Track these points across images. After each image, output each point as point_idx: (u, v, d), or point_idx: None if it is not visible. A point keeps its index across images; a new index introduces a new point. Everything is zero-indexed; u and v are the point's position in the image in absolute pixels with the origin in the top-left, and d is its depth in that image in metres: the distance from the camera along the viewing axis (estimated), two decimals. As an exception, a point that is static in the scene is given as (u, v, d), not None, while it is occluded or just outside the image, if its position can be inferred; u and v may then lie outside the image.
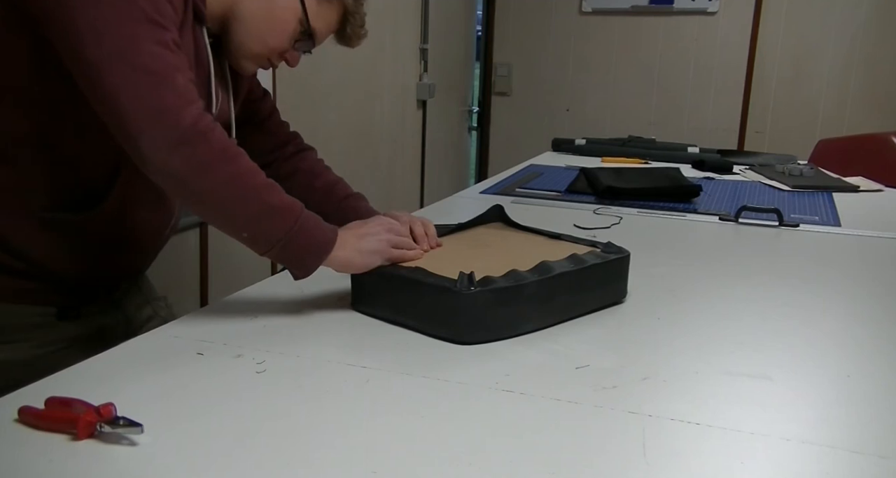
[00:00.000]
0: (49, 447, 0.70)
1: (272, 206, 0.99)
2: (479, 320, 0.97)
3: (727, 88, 3.92)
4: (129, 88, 0.91)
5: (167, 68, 0.93)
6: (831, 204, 2.01)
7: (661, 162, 2.52)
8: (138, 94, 0.91)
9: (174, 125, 0.92)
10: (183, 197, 1.01)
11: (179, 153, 0.93)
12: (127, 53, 0.91)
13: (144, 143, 0.91)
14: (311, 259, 1.02)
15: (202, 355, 0.92)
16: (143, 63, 0.91)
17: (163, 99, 0.92)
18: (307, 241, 1.01)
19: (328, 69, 2.78)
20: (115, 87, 0.90)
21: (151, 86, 0.92)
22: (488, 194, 1.96)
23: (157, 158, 0.92)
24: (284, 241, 0.99)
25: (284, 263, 1.03)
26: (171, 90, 0.93)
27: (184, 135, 0.93)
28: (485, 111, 4.38)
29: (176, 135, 0.92)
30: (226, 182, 0.96)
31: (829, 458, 0.74)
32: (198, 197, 0.97)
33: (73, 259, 1.09)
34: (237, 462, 0.69)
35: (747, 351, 1.00)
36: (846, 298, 1.26)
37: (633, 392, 0.86)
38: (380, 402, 0.82)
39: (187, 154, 0.93)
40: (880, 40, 3.70)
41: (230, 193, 0.97)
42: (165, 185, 0.98)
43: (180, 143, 0.92)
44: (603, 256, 1.11)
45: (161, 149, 0.92)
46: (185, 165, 0.93)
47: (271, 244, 0.99)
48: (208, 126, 0.95)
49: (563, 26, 4.14)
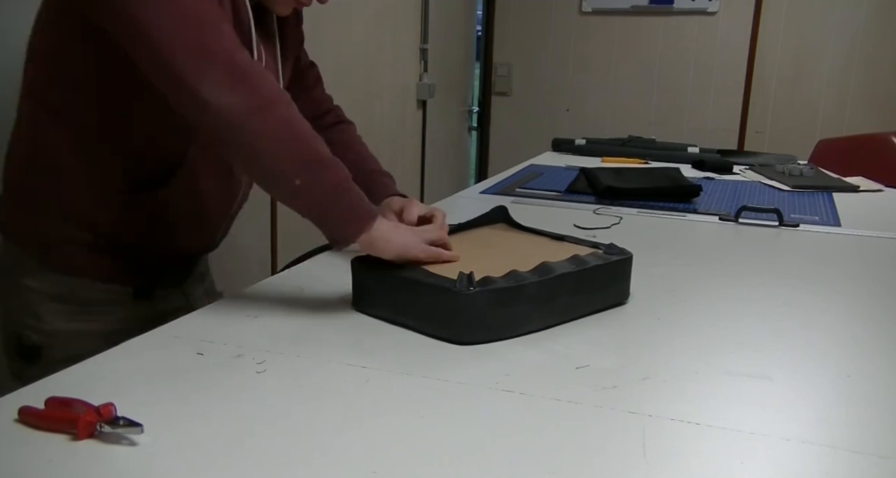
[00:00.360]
0: (49, 447, 0.70)
1: (324, 156, 1.00)
2: (478, 321, 0.97)
3: (727, 88, 3.93)
4: (181, 39, 0.93)
5: (214, 17, 0.96)
6: (831, 204, 2.01)
7: (661, 162, 2.52)
8: (190, 41, 0.93)
9: (230, 63, 0.95)
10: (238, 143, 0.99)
11: (241, 91, 0.95)
12: (174, 8, 0.93)
13: (204, 86, 0.93)
14: (355, 227, 1.01)
15: (202, 355, 0.92)
16: (189, 12, 0.94)
17: (216, 41, 0.95)
18: (352, 206, 1.01)
19: (328, 69, 2.77)
20: (166, 38, 0.93)
21: (200, 31, 0.94)
22: (488, 194, 1.96)
23: (218, 99, 0.93)
24: (333, 196, 0.99)
25: (326, 226, 1.02)
26: (220, 34, 0.96)
27: (243, 72, 0.95)
28: (485, 111, 4.38)
29: (236, 72, 0.95)
30: (286, 123, 0.98)
31: (829, 458, 0.74)
32: (256, 138, 0.97)
33: (149, 235, 1.15)
34: (237, 462, 0.69)
35: (747, 351, 1.00)
36: (846, 298, 1.26)
37: (633, 392, 0.86)
38: (380, 402, 0.82)
39: (248, 92, 0.95)
40: (880, 40, 3.70)
41: (291, 134, 0.98)
42: (222, 130, 0.97)
43: (241, 80, 0.95)
44: (605, 258, 1.11)
45: (222, 88, 0.93)
46: (246, 102, 0.95)
47: (321, 196, 0.99)
48: (261, 69, 0.98)
49: (563, 26, 4.14)
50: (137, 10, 0.93)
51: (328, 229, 1.02)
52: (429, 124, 3.74)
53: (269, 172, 1.00)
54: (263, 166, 1.00)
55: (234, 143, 0.99)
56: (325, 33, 2.73)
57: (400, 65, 3.43)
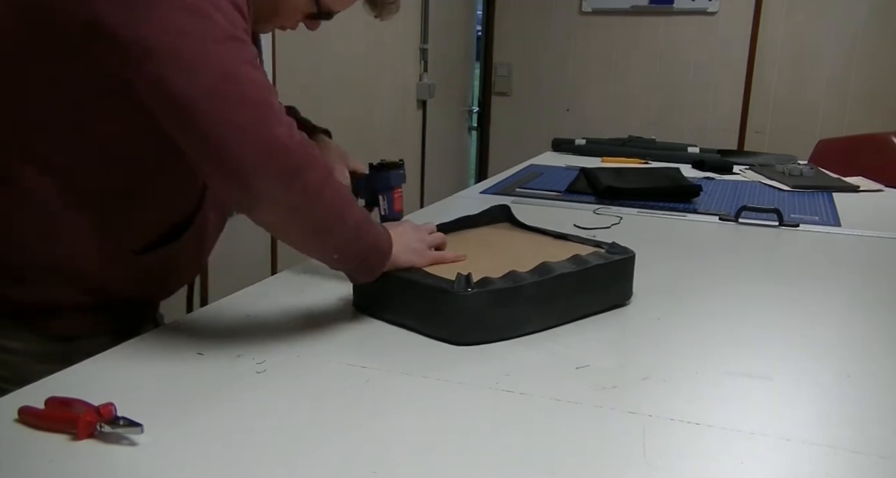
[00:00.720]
0: (49, 447, 0.70)
1: (359, 223, 0.97)
2: (476, 322, 0.97)
3: (727, 88, 3.92)
4: (233, 124, 0.83)
5: (265, 93, 0.86)
6: (831, 204, 2.01)
7: (661, 162, 2.52)
8: (245, 130, 0.84)
9: (287, 156, 0.86)
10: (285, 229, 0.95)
11: (297, 185, 0.88)
12: (221, 85, 0.83)
13: (259, 181, 0.85)
14: (377, 268, 1.01)
15: (202, 355, 0.92)
16: (242, 93, 0.84)
17: (272, 130, 0.85)
18: (379, 253, 1.00)
19: (328, 69, 2.78)
20: (217, 125, 0.83)
21: (257, 118, 0.85)
22: (488, 194, 1.96)
23: (274, 195, 0.87)
24: (365, 255, 0.98)
25: (357, 273, 1.01)
26: (274, 117, 0.86)
27: (297, 166, 0.88)
28: (485, 111, 4.38)
29: (291, 167, 0.87)
30: (330, 207, 0.93)
31: (829, 458, 0.74)
32: (304, 225, 0.93)
33: (146, 289, 1.08)
34: (237, 462, 0.69)
35: (747, 351, 1.00)
36: (846, 298, 1.26)
37: (633, 392, 0.86)
38: (380, 402, 0.82)
39: (303, 185, 0.89)
40: (880, 40, 3.70)
41: (333, 218, 0.94)
42: (272, 219, 0.92)
43: (296, 174, 0.88)
44: (606, 257, 1.11)
45: (278, 184, 0.86)
46: (302, 197, 0.89)
47: (354, 260, 0.98)
48: (306, 144, 0.90)
49: (563, 26, 4.13)
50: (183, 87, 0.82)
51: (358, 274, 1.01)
52: (429, 124, 3.74)
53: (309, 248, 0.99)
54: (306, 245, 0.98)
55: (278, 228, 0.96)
56: (325, 33, 2.73)
57: (400, 65, 3.43)
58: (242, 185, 0.86)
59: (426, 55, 3.59)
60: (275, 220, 0.93)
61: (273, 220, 0.93)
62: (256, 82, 0.86)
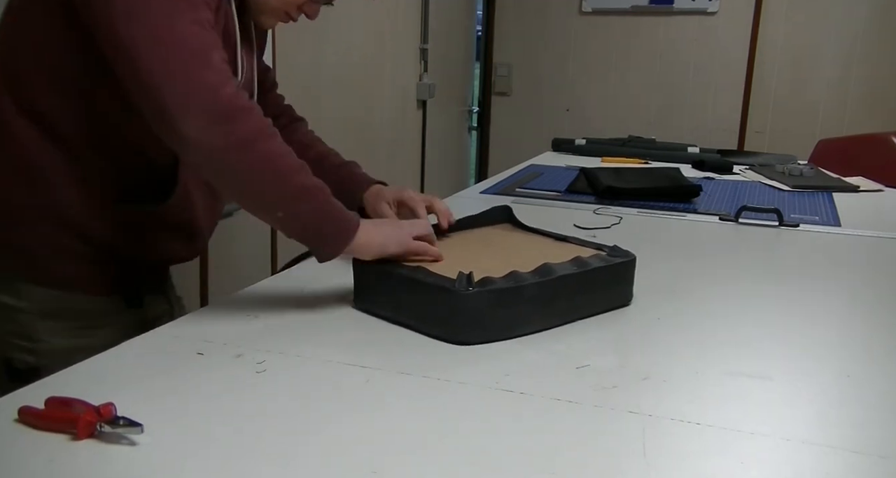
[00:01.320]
0: (49, 447, 0.70)
1: (306, 186, 1.00)
2: (477, 321, 0.97)
3: (727, 88, 3.92)
4: (166, 68, 0.91)
5: (203, 46, 0.94)
6: (831, 204, 2.01)
7: (661, 162, 2.52)
8: (176, 73, 0.91)
9: (213, 101, 0.93)
10: (219, 177, 1.01)
11: (220, 129, 0.93)
12: (162, 33, 0.92)
13: (185, 121, 0.92)
14: (338, 245, 1.03)
15: (202, 355, 0.92)
16: (179, 42, 0.92)
17: (201, 76, 0.93)
18: (336, 223, 1.03)
19: (328, 69, 2.78)
20: (152, 68, 0.91)
21: (189, 64, 0.92)
22: (488, 194, 1.96)
23: (197, 136, 0.93)
24: (313, 223, 1.01)
25: (313, 245, 1.04)
26: (208, 68, 0.94)
27: (224, 111, 0.93)
28: (485, 111, 4.38)
29: (217, 110, 0.93)
30: (264, 160, 0.97)
31: (829, 458, 0.74)
32: (235, 175, 0.98)
33: (145, 247, 1.14)
34: (237, 462, 0.69)
35: (747, 351, 1.00)
36: (846, 298, 1.26)
37: (633, 392, 0.86)
38: (380, 402, 0.82)
39: (227, 130, 0.94)
40: (880, 40, 3.70)
41: (268, 170, 0.98)
42: (203, 164, 0.98)
43: (221, 119, 0.93)
44: (607, 260, 1.11)
45: (202, 126, 0.92)
46: (224, 142, 0.94)
47: (304, 226, 1.01)
48: (246, 104, 0.97)
49: (563, 26, 4.14)
50: (126, 27, 0.91)
51: (314, 250, 1.05)
52: (429, 124, 3.74)
53: (250, 204, 1.02)
54: (244, 199, 1.02)
55: (214, 176, 1.01)
56: (325, 34, 2.73)
57: (400, 65, 3.43)
58: (170, 124, 0.92)
59: (426, 55, 3.59)
60: (203, 162, 0.97)
61: (201, 162, 0.97)
62: (195, 35, 0.94)
